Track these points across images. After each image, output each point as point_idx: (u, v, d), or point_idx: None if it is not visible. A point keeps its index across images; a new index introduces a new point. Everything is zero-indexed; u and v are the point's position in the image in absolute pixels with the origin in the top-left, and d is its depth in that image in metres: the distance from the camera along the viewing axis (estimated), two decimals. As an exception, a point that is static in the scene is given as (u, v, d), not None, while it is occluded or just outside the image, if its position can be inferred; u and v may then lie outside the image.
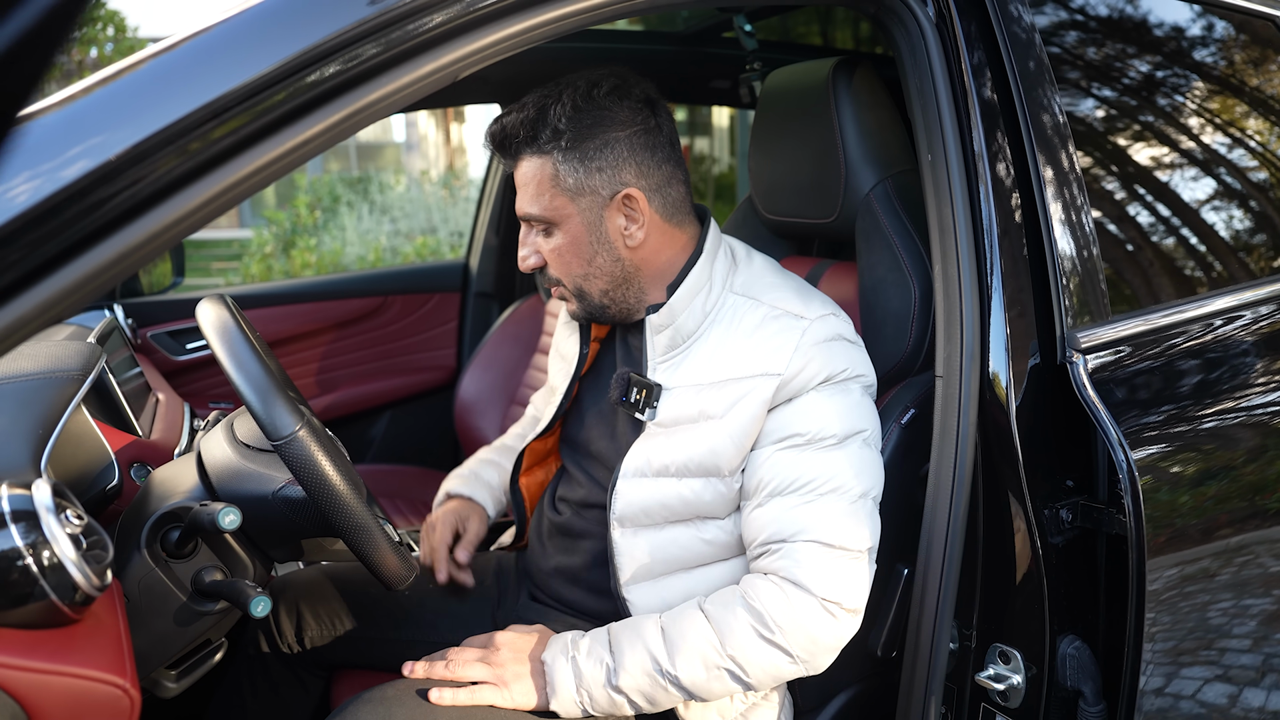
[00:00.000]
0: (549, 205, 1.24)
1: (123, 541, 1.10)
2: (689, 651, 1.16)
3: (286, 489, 1.12)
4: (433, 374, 2.94)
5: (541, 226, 1.27)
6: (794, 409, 1.20)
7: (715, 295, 1.28)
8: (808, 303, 1.26)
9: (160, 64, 0.80)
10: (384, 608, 1.49)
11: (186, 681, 1.14)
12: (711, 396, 1.23)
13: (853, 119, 1.45)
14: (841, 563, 1.16)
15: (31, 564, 0.78)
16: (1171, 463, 1.20)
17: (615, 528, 1.27)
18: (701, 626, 1.17)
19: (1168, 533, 1.16)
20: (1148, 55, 1.42)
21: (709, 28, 2.46)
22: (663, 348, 1.28)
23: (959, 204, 1.22)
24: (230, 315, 1.10)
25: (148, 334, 2.41)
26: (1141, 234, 1.34)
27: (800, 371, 1.20)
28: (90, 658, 0.80)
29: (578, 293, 1.30)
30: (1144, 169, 1.37)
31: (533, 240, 1.30)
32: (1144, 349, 1.25)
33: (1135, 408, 1.20)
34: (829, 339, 1.22)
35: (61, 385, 1.16)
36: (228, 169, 0.80)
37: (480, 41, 0.93)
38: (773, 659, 1.15)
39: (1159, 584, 1.15)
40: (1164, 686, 1.19)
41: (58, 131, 0.74)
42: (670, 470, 1.24)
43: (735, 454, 1.21)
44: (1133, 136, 1.37)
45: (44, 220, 0.71)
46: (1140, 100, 1.40)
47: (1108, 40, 1.39)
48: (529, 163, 1.25)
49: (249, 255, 8.89)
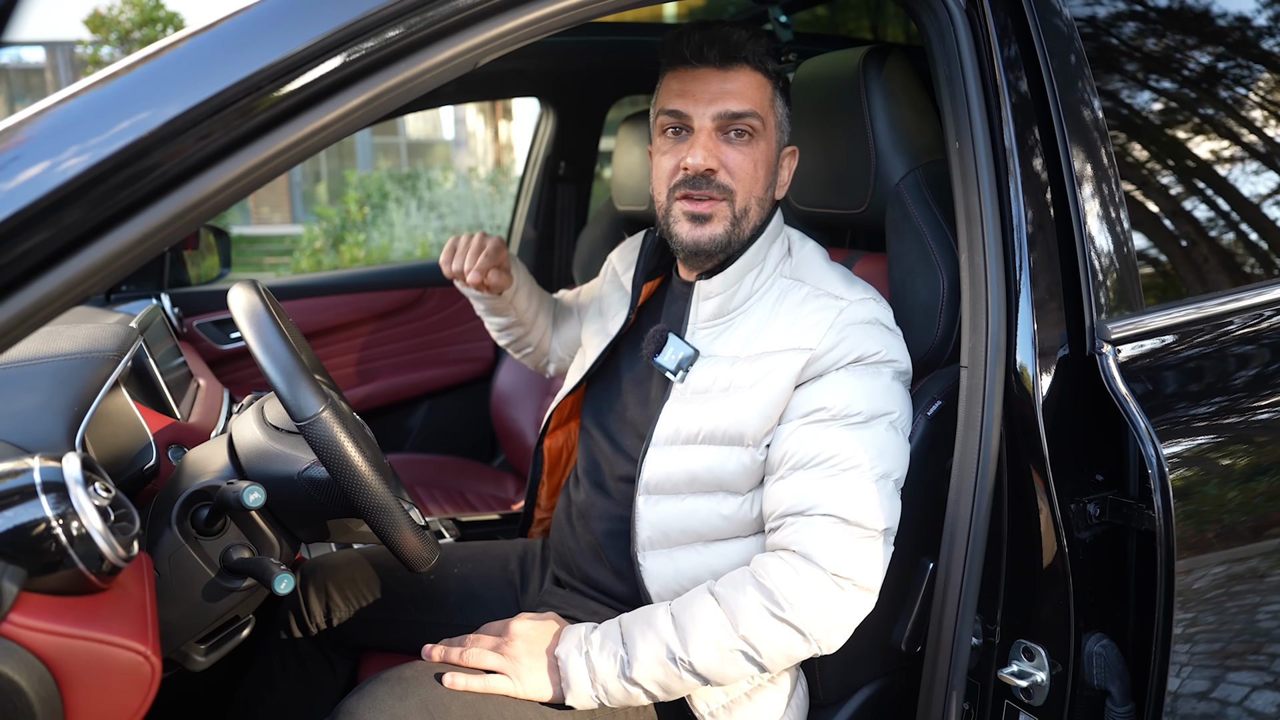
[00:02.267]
0: (766, 115, 1.29)
1: (155, 518, 1.13)
2: (701, 636, 1.16)
3: (311, 469, 1.14)
4: (470, 365, 2.98)
5: (746, 134, 1.28)
6: (821, 385, 1.22)
7: (766, 276, 1.33)
8: (850, 287, 1.30)
9: (198, 44, 0.82)
10: (409, 591, 1.51)
11: (215, 656, 1.17)
12: (745, 369, 1.25)
13: (883, 108, 1.44)
14: (855, 539, 1.16)
15: (60, 534, 0.81)
16: (1204, 458, 1.17)
17: (641, 494, 1.29)
18: (712, 609, 1.17)
19: (1199, 530, 1.13)
20: (1183, 44, 1.38)
21: (746, 20, 2.45)
22: (707, 314, 1.32)
23: (986, 192, 1.20)
24: (260, 300, 1.13)
25: (193, 323, 2.47)
26: (1174, 226, 1.30)
27: (831, 349, 1.21)
28: (114, 625, 0.83)
29: (741, 213, 1.29)
30: (1178, 160, 1.33)
31: (716, 145, 1.27)
32: (1176, 342, 1.22)
33: (1166, 401, 1.17)
34: (865, 321, 1.24)
35: (97, 365, 1.20)
36: (265, 142, 0.82)
37: (509, 24, 0.94)
38: (785, 637, 1.15)
39: (1189, 582, 1.12)
40: (1194, 688, 1.16)
41: (104, 106, 0.77)
42: (698, 438, 1.27)
43: (760, 424, 1.23)
44: (1166, 127, 1.34)
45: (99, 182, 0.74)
46: (1174, 91, 1.37)
47: (1142, 28, 1.36)
48: (753, 76, 1.28)
49: (300, 250, 9.07)
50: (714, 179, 1.27)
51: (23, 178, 0.72)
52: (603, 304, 1.55)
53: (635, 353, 1.43)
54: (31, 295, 0.73)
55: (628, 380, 1.44)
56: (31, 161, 0.74)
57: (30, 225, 0.72)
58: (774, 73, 1.31)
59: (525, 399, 2.63)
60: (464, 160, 15.39)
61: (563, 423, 1.56)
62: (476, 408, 2.95)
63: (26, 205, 0.71)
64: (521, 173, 3.02)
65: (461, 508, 2.38)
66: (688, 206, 1.29)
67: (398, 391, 2.85)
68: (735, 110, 1.26)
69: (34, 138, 0.76)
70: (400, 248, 8.97)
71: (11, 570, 0.77)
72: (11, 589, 0.76)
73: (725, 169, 1.27)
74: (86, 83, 0.80)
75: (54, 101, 0.79)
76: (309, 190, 15.44)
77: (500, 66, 2.47)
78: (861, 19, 4.77)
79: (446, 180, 11.74)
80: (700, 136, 1.27)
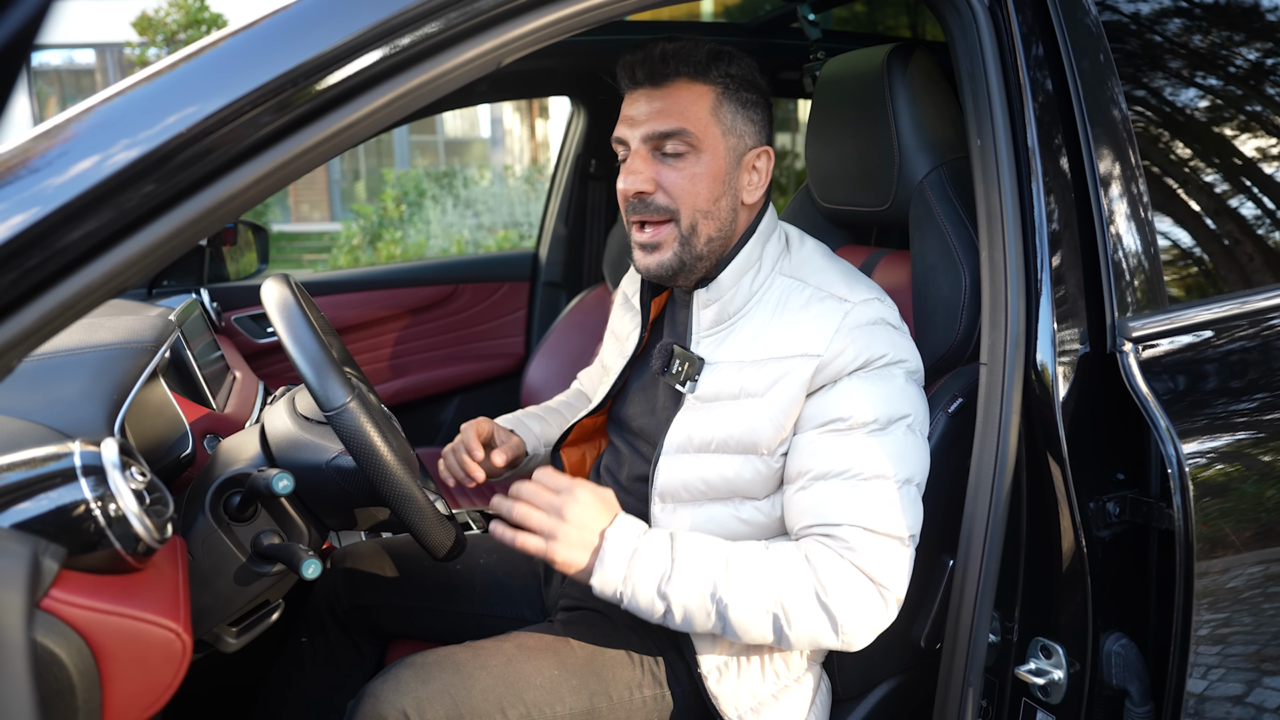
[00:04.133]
0: (704, 129, 1.24)
1: (190, 504, 1.17)
2: (747, 586, 1.15)
3: (339, 459, 1.18)
4: (501, 361, 3.01)
5: (680, 152, 1.24)
6: (834, 394, 1.20)
7: (764, 276, 1.31)
8: (853, 286, 1.27)
9: (242, 40, 0.85)
10: (435, 580, 1.54)
11: (246, 638, 1.21)
12: (752, 374, 1.24)
13: (907, 105, 1.44)
14: (887, 548, 1.16)
15: (99, 515, 0.85)
16: (1225, 458, 1.16)
17: (656, 503, 1.30)
18: (765, 566, 1.16)
19: (1219, 530, 1.13)
20: (1207, 40, 1.36)
21: (777, 19, 2.45)
22: (708, 322, 1.31)
23: (1007, 189, 1.21)
24: (291, 294, 1.17)
25: (231, 318, 2.53)
26: (1197, 225, 1.29)
27: (839, 355, 1.20)
28: (148, 603, 0.87)
29: (689, 231, 1.26)
30: (1201, 158, 1.32)
31: (651, 165, 1.25)
32: (1198, 341, 1.21)
33: (1188, 401, 1.16)
34: (871, 323, 1.23)
35: (136, 355, 1.24)
36: (304, 134, 0.85)
37: (537, 21, 0.96)
38: (819, 622, 1.15)
39: (1209, 583, 1.12)
40: (1213, 689, 1.15)
41: (151, 102, 0.81)
42: (711, 446, 1.26)
43: (774, 433, 1.22)
44: (1189, 125, 1.33)
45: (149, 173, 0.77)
46: (1198, 88, 1.35)
47: (1166, 25, 1.35)
48: (689, 89, 1.24)
49: (338, 247, 9.20)
50: (651, 200, 1.25)
51: (74, 171, 0.76)
52: (617, 329, 1.55)
53: (645, 365, 1.44)
54: (78, 284, 0.77)
55: (635, 391, 1.44)
56: (81, 155, 0.77)
57: (79, 215, 0.75)
58: (722, 77, 1.26)
59: (555, 393, 2.65)
60: (500, 158, 15.50)
61: (585, 437, 1.56)
62: (507, 402, 2.99)
63: (78, 195, 0.75)
64: (553, 172, 3.05)
65: (489, 501, 2.41)
66: (638, 235, 1.29)
67: (430, 386, 2.89)
68: (662, 130, 1.23)
69: (82, 133, 0.80)
70: (436, 245, 9.06)
71: (53, 549, 0.81)
72: (53, 566, 0.80)
73: (662, 189, 1.25)
74: (131, 80, 0.83)
75: (101, 99, 0.82)
76: (347, 188, 15.66)
77: (531, 65, 2.50)
78: (900, 16, 4.74)
79: (483, 178, 11.83)
80: (632, 160, 1.26)
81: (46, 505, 0.84)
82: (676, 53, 1.24)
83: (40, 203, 0.75)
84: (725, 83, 1.26)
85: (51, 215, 0.75)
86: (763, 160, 1.31)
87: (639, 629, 1.35)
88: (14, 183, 0.75)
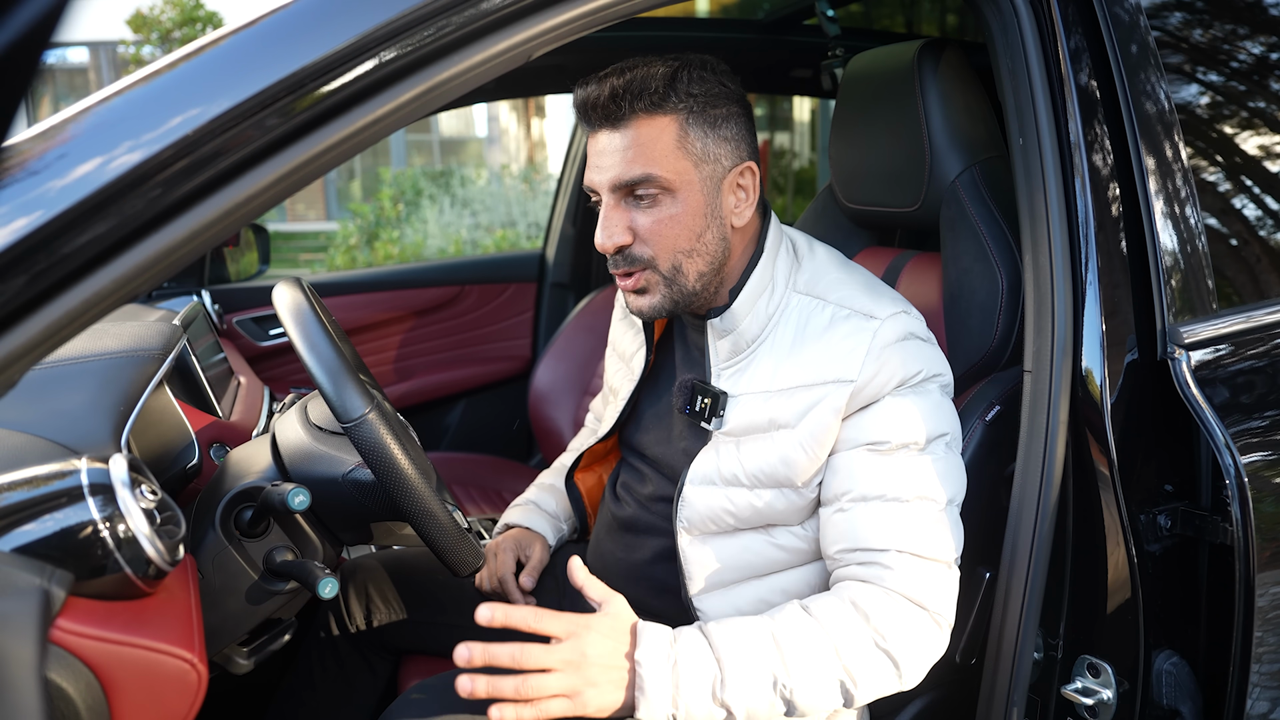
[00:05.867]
0: (672, 167, 1.13)
1: (199, 519, 1.12)
2: (804, 663, 1.05)
3: (356, 472, 1.12)
4: (508, 364, 2.96)
5: (651, 195, 1.14)
6: (873, 415, 1.14)
7: (779, 296, 1.21)
8: (877, 300, 1.18)
9: (247, 37, 0.80)
10: (450, 594, 1.49)
11: (258, 659, 1.16)
12: (781, 404, 1.17)
13: (939, 103, 1.39)
14: (936, 573, 1.10)
15: (107, 536, 0.80)
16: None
17: (682, 534, 1.23)
18: (816, 634, 1.06)
19: (1278, 544, 1.08)
20: (1259, 34, 1.32)
21: (789, 15, 2.41)
22: (726, 353, 1.23)
23: (1052, 190, 1.16)
24: (305, 298, 1.11)
25: (233, 320, 2.48)
26: (1251, 224, 1.25)
27: (874, 377, 1.13)
28: (161, 631, 0.81)
29: (672, 273, 1.17)
30: (1254, 155, 1.27)
31: (624, 214, 1.16)
32: (1254, 346, 1.17)
33: (1243, 409, 1.12)
34: (901, 339, 1.15)
35: (143, 364, 1.19)
36: (320, 135, 0.80)
37: (557, 19, 0.91)
38: (882, 670, 1.07)
39: (1269, 600, 1.07)
40: (1276, 713, 1.11)
41: (155, 102, 0.76)
42: (741, 480, 1.19)
43: (809, 464, 1.15)
44: (1242, 120, 1.28)
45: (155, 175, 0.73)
46: (1252, 84, 1.31)
47: (1216, 19, 1.30)
48: (649, 124, 1.13)
49: (334, 247, 9.14)
50: (629, 253, 1.17)
51: (77, 173, 0.71)
52: (620, 346, 1.47)
53: (655, 392, 1.37)
54: (85, 291, 0.72)
55: (648, 418, 1.37)
56: (83, 158, 0.72)
57: (85, 220, 0.71)
58: (684, 101, 1.13)
59: (564, 398, 2.61)
60: (497, 157, 15.44)
61: (597, 459, 1.49)
62: (514, 406, 2.94)
63: (85, 198, 0.70)
64: (561, 170, 3.00)
65: (499, 507, 2.37)
66: (622, 283, 1.20)
67: (435, 389, 2.84)
68: (628, 178, 1.13)
69: (81, 134, 0.75)
70: (434, 244, 9.00)
71: (59, 574, 0.76)
72: (59, 593, 0.75)
73: (639, 238, 1.16)
74: (130, 80, 0.79)
75: (98, 99, 0.77)
76: (343, 187, 15.59)
77: (540, 63, 2.44)
78: (896, 15, 4.71)
79: (480, 177, 11.76)
80: (604, 211, 1.17)
81: (52, 527, 0.79)
82: (628, 87, 1.12)
83: (44, 206, 0.70)
84: (689, 106, 1.14)
85: (58, 219, 0.70)
86: (746, 177, 1.20)
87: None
88: (12, 185, 0.70)
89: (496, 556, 1.46)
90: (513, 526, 1.56)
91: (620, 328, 1.48)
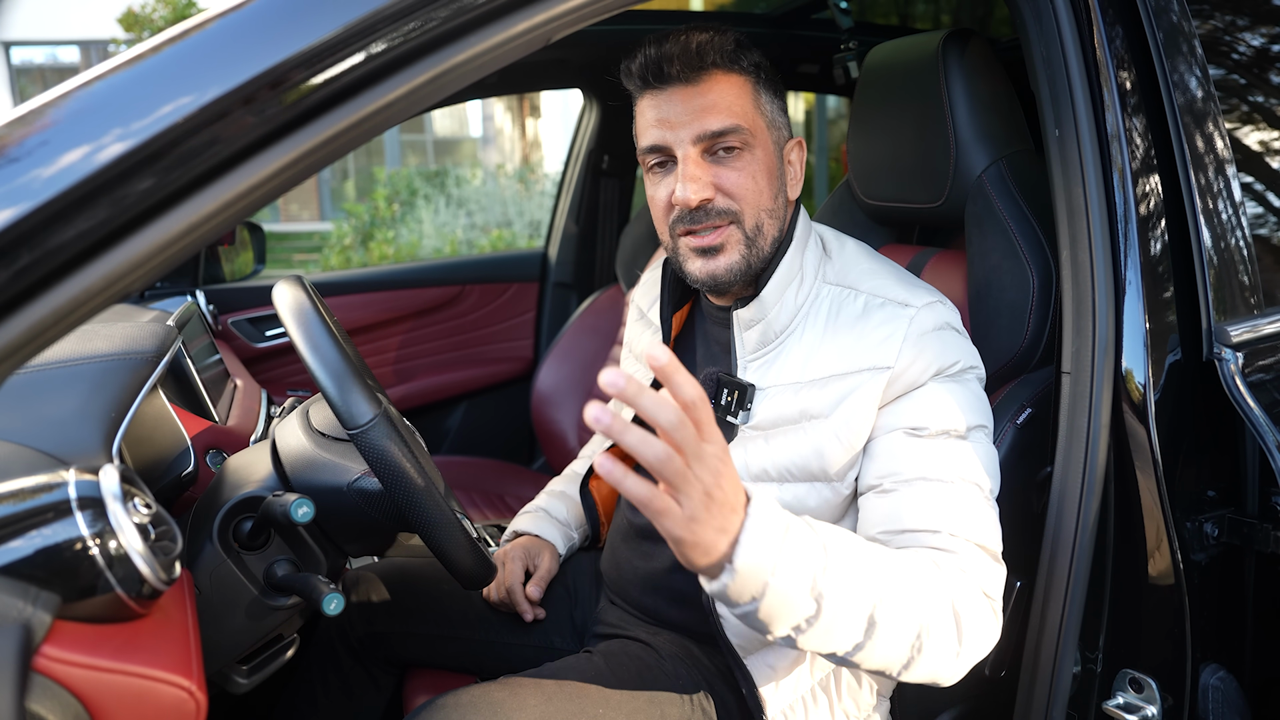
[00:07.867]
0: (755, 123, 1.14)
1: (195, 531, 1.06)
2: (899, 593, 0.92)
3: (362, 480, 1.07)
4: (510, 365, 2.90)
5: (735, 149, 1.13)
6: (911, 402, 1.10)
7: (808, 287, 1.19)
8: (911, 289, 1.16)
9: (238, 19, 0.75)
10: (458, 606, 1.43)
11: (258, 678, 1.10)
12: (813, 395, 1.13)
13: (965, 95, 1.34)
14: (989, 561, 1.03)
15: (97, 554, 0.74)
16: (1340, 475, 1.07)
17: None
18: (911, 573, 0.95)
19: (1334, 554, 1.03)
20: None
21: (797, 9, 2.36)
22: (753, 345, 1.19)
23: (1092, 184, 1.10)
24: (307, 298, 1.06)
25: (228, 320, 2.42)
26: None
27: (912, 364, 1.09)
28: (156, 657, 0.76)
29: (754, 231, 1.15)
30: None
31: (707, 168, 1.13)
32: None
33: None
34: (938, 328, 1.12)
35: (136, 367, 1.13)
36: (324, 122, 0.75)
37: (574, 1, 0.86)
38: (948, 637, 0.95)
39: (1322, 611, 1.02)
40: (1325, 727, 1.06)
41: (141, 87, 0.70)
42: (770, 475, 1.15)
43: (843, 455, 1.11)
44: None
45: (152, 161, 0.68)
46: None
47: (1263, 8, 1.25)
48: (726, 80, 1.13)
49: (329, 247, 9.06)
50: (712, 207, 1.13)
51: (62, 162, 0.65)
52: (635, 347, 1.42)
53: None
54: (72, 289, 0.66)
55: None
56: (68, 145, 0.66)
57: (72, 211, 0.65)
58: (753, 67, 1.16)
59: (567, 400, 2.55)
60: (492, 157, 15.37)
61: None
62: (516, 408, 2.88)
63: (70, 187, 0.64)
64: (563, 167, 2.94)
65: (502, 512, 2.31)
66: (693, 242, 1.15)
67: (435, 391, 2.78)
68: (716, 128, 1.11)
69: (64, 120, 0.69)
70: (429, 244, 8.93)
71: (44, 597, 0.70)
72: (44, 619, 0.69)
73: (723, 192, 1.13)
74: (112, 64, 0.73)
75: (79, 83, 0.71)
76: (337, 187, 15.49)
77: (542, 57, 2.39)
78: (891, 16, 4.66)
79: (474, 177, 11.68)
80: (686, 166, 1.12)
81: (37, 544, 0.73)
82: (709, 41, 1.12)
83: (27, 196, 0.64)
84: (756, 72, 1.17)
85: (42, 209, 0.64)
86: (795, 152, 1.23)
87: (687, 660, 1.25)
88: None
89: (505, 565, 1.43)
90: (521, 534, 1.51)
91: (636, 328, 1.43)
